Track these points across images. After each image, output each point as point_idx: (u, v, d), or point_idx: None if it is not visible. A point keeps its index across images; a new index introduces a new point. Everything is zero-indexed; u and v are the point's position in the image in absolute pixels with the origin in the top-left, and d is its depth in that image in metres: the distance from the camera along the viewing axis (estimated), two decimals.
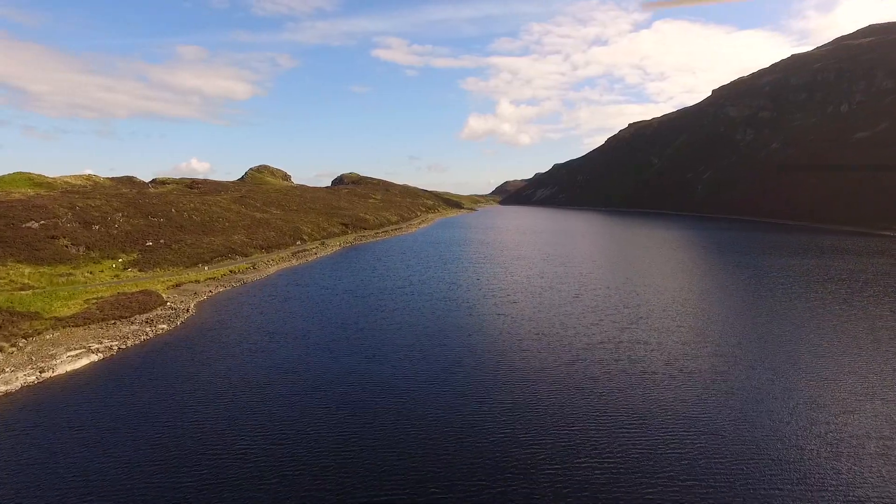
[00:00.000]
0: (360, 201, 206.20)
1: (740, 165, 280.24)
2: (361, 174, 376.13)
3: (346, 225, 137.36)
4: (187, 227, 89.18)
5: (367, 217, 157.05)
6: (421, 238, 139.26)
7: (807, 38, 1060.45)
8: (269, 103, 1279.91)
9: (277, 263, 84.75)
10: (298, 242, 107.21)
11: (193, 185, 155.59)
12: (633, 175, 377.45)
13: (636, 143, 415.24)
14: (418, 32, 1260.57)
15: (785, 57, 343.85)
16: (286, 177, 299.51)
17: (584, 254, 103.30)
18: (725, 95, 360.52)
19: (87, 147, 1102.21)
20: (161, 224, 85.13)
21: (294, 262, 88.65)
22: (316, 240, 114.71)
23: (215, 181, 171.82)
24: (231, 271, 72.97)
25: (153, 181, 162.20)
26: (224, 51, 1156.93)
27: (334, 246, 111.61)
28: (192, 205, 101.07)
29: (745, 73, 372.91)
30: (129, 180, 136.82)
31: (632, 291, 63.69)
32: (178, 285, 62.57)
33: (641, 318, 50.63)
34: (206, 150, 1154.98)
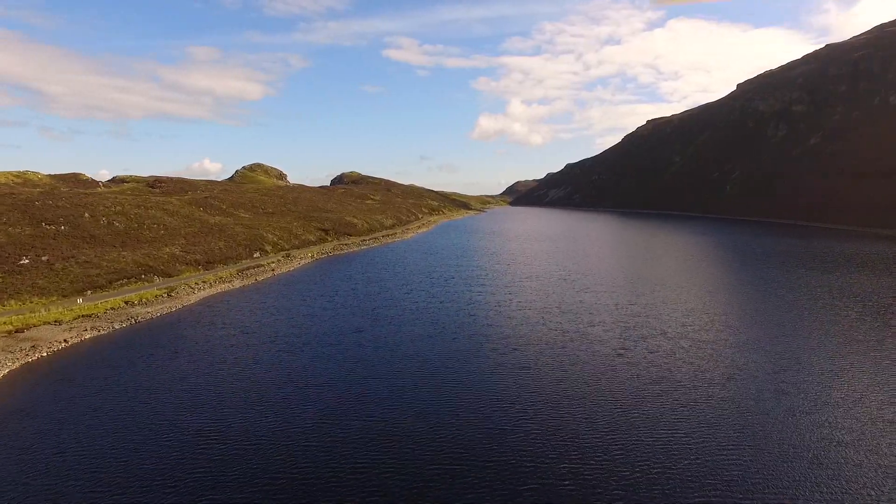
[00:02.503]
0: (354, 203, 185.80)
1: (774, 163, 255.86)
2: (363, 173, 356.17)
3: (325, 231, 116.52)
4: (100, 237, 68.74)
5: (355, 221, 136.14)
6: (415, 246, 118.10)
7: (826, 35, 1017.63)
8: (280, 103, 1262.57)
9: (211, 286, 63.93)
10: (257, 255, 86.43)
11: (155, 184, 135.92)
12: (653, 174, 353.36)
13: (655, 140, 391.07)
14: (429, 32, 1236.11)
15: (818, 48, 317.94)
16: (281, 175, 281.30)
17: (613, 271, 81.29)
18: (753, 89, 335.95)
19: (103, 148, 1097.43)
20: (58, 234, 64.69)
21: (236, 283, 67.78)
22: (282, 251, 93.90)
23: (185, 179, 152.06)
24: (127, 302, 52.17)
25: (113, 179, 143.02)
26: (236, 51, 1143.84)
27: (302, 259, 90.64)
28: (119, 208, 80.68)
29: (761, 71, 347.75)
30: (74, 178, 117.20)
31: (705, 342, 41.84)
32: (20, 329, 41.86)
33: (743, 407, 28.89)
34: (219, 150, 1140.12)
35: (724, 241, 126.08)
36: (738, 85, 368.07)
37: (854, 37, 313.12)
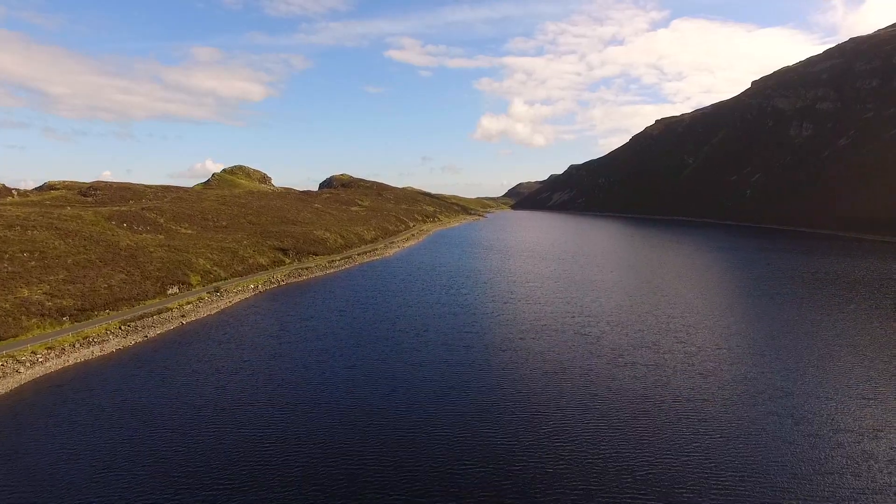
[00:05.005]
0: (335, 211, 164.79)
1: (799, 166, 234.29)
2: (360, 175, 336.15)
3: (283, 251, 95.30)
4: None
5: (326, 236, 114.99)
6: (394, 268, 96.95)
7: (833, 35, 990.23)
8: (282, 104, 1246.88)
9: (59, 355, 42.81)
10: (173, 290, 65.26)
11: (89, 192, 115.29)
12: (664, 177, 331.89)
13: (666, 141, 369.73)
14: (432, 33, 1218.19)
15: (842, 41, 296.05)
16: (265, 178, 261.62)
17: (649, 316, 59.89)
18: (771, 86, 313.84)
19: (106, 149, 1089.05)
20: None
21: (110, 344, 46.66)
22: (215, 281, 72.81)
23: (132, 186, 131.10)
24: None
25: (42, 186, 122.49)
26: (238, 52, 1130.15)
27: (237, 293, 69.51)
28: None
29: (768, 71, 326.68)
30: None
31: None
32: None
33: None
34: (221, 150, 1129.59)
35: (769, 261, 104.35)
36: (752, 82, 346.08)
37: (881, 29, 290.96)
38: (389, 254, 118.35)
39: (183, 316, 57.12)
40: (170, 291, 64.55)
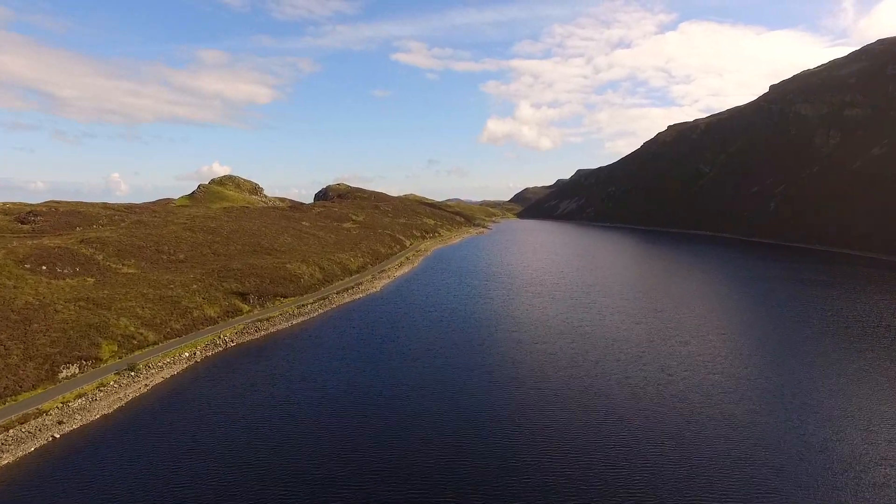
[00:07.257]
0: (322, 231, 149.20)
1: (828, 178, 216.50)
2: (356, 184, 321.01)
3: (243, 295, 79.43)
4: None
5: (303, 270, 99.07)
6: (376, 313, 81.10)
7: (844, 38, 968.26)
8: (289, 108, 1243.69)
9: None
10: (69, 372, 49.49)
11: (27, 218, 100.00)
12: (678, 187, 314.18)
13: (679, 148, 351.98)
14: (439, 36, 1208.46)
15: (869, 43, 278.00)
16: (255, 189, 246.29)
17: (714, 413, 43.48)
18: (792, 90, 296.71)
19: (113, 150, 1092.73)
20: None
21: None
22: (139, 348, 57.04)
23: (82, 210, 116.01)
24: None
25: None
26: (245, 55, 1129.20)
27: (165, 368, 53.57)
28: None
29: (776, 74, 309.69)
30: None
31: None
32: None
33: None
34: (228, 153, 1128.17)
35: (823, 302, 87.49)
36: (771, 86, 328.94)
37: None
38: (376, 288, 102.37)
39: (61, 422, 41.32)
40: (63, 374, 48.79)
